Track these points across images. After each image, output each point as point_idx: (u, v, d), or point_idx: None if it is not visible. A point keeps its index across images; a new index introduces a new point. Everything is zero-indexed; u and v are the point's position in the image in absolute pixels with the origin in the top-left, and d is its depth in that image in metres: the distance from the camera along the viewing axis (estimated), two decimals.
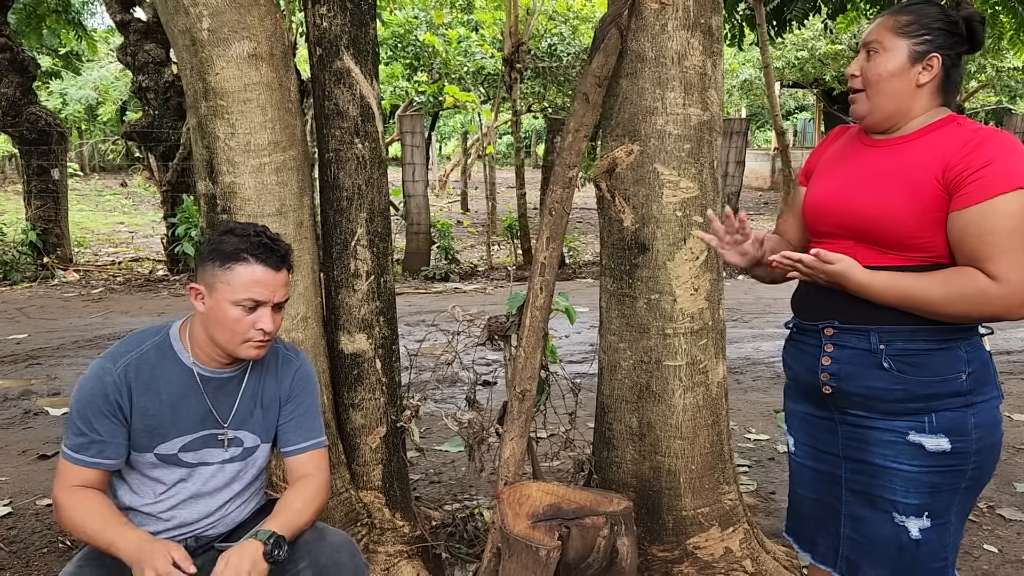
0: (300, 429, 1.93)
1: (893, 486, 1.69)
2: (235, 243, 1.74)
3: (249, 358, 1.82)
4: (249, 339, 1.76)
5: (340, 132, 2.48)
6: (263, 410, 1.91)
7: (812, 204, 1.79)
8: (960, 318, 1.60)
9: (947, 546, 1.71)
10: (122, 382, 1.75)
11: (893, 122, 1.69)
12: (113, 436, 1.76)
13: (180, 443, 1.81)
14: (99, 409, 1.75)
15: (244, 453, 1.90)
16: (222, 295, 1.73)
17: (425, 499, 3.16)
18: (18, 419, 4.58)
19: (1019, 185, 1.52)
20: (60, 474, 1.77)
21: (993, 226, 1.52)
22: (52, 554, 2.88)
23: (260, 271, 1.73)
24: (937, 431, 1.64)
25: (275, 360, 1.94)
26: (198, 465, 1.84)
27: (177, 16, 2.22)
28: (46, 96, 20.93)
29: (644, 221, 2.42)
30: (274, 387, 1.92)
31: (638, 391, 2.52)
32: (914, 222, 1.60)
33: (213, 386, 1.84)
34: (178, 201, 9.79)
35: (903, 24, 1.66)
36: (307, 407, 1.96)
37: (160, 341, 1.83)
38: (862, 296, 1.63)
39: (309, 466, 1.92)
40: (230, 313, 1.73)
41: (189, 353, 1.82)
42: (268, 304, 1.76)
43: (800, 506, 1.93)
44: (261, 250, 1.74)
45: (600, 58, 2.36)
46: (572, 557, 2.10)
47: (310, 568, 1.78)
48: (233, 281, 1.73)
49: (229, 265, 1.73)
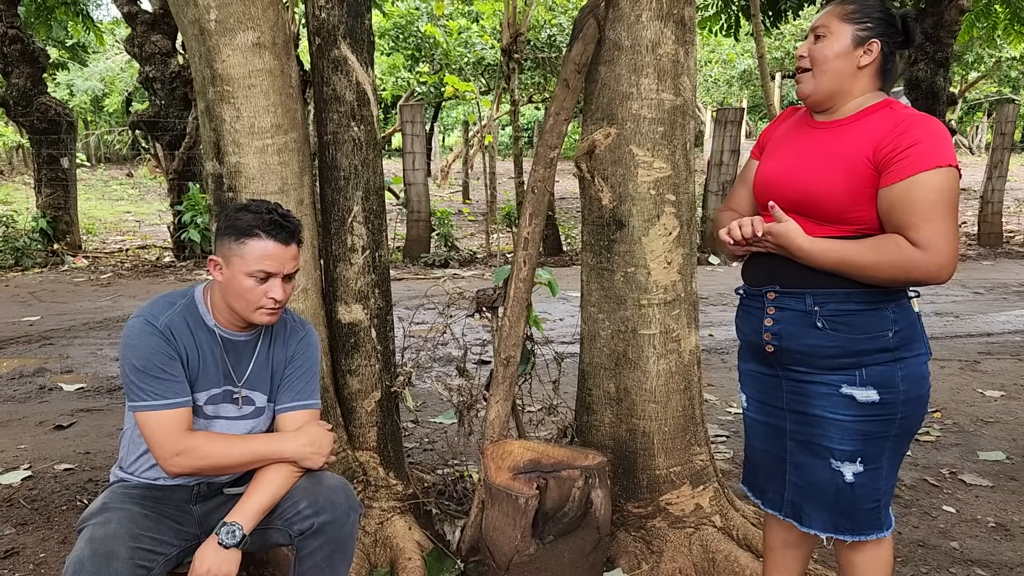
0: (291, 391, 2.10)
1: (829, 434, 1.87)
2: (249, 220, 1.91)
3: (261, 324, 2.00)
4: (262, 306, 1.94)
5: (338, 116, 2.66)
6: (271, 374, 2.10)
7: (760, 180, 1.98)
8: (888, 281, 1.77)
9: (879, 489, 1.89)
10: (169, 334, 1.92)
11: (834, 101, 1.87)
12: (182, 377, 1.93)
13: (205, 396, 2.00)
14: (165, 354, 1.90)
15: (255, 412, 2.08)
16: (237, 267, 1.91)
17: (419, 464, 3.35)
18: (34, 394, 4.79)
19: (939, 164, 1.70)
20: (159, 434, 1.87)
21: (917, 198, 1.70)
22: (71, 511, 3.08)
23: (271, 246, 1.91)
24: (867, 384, 1.81)
25: (284, 329, 2.13)
26: (215, 418, 2.02)
27: (187, 7, 2.40)
28: (53, 87, 21.11)
29: (621, 199, 2.59)
30: (281, 354, 2.11)
31: (615, 359, 2.70)
32: (848, 198, 1.77)
33: (231, 347, 2.03)
34: (184, 189, 9.97)
35: (848, 12, 1.86)
36: (303, 371, 2.13)
37: (187, 303, 2.01)
38: (802, 260, 1.81)
39: (293, 425, 2.06)
40: (244, 283, 1.91)
41: (211, 316, 2.01)
42: (279, 275, 1.94)
43: (753, 457, 2.11)
44: (272, 226, 1.91)
45: (579, 46, 2.53)
46: (549, 507, 2.29)
47: (310, 507, 1.97)
48: (247, 254, 1.90)
49: (243, 240, 1.90)
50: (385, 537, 2.68)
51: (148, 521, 1.89)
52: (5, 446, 3.86)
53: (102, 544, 1.75)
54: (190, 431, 1.92)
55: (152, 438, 1.89)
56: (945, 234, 1.70)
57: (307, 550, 1.99)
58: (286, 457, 1.97)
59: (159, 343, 1.90)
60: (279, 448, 1.98)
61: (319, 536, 1.98)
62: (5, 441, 3.94)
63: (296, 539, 1.99)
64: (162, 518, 1.93)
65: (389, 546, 2.65)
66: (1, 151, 23.29)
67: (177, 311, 1.97)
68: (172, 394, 1.90)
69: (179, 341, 1.93)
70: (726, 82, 23.30)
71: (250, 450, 1.96)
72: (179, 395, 1.91)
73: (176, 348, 1.92)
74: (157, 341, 1.90)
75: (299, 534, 1.98)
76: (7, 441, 3.94)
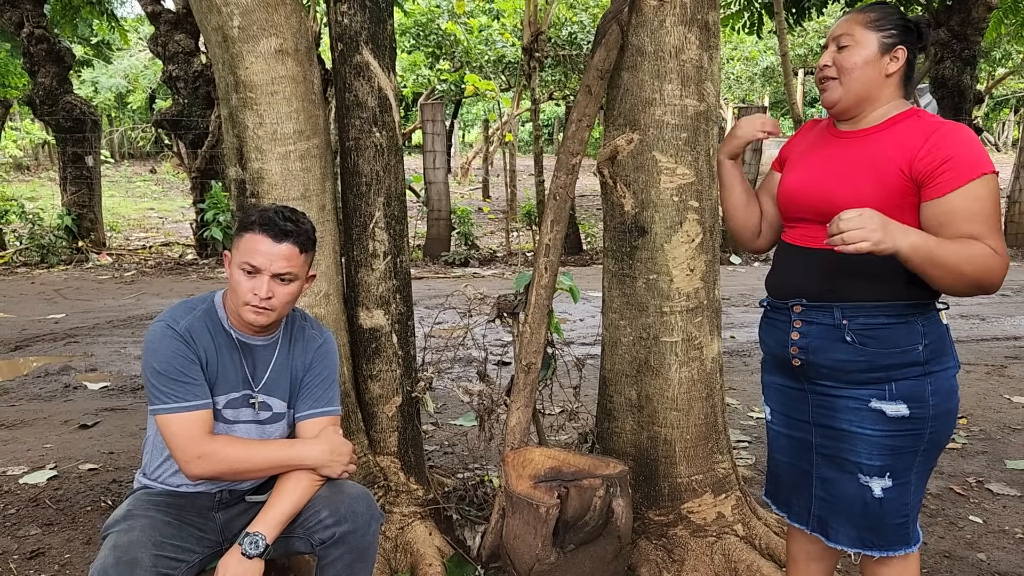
0: (310, 398, 2.10)
1: (857, 449, 1.84)
2: (253, 216, 1.94)
3: (248, 322, 1.96)
4: (247, 302, 1.91)
5: (359, 122, 2.66)
6: (290, 381, 2.10)
7: (785, 192, 1.95)
8: (966, 284, 1.68)
9: (908, 504, 1.86)
10: (189, 338, 1.93)
11: (861, 108, 1.84)
12: (202, 380, 1.93)
13: (224, 400, 2.00)
14: (185, 357, 1.90)
15: (273, 417, 2.08)
16: (234, 259, 1.94)
17: (439, 468, 3.35)
18: (59, 392, 4.86)
19: (984, 171, 1.68)
20: (180, 436, 1.87)
21: (975, 208, 1.68)
22: (96, 512, 3.12)
23: (261, 240, 1.90)
24: (896, 398, 1.78)
25: (303, 336, 2.13)
26: (234, 423, 2.03)
27: (210, 14, 2.41)
28: (78, 84, 21.35)
29: (643, 205, 2.58)
30: (300, 361, 2.11)
31: (637, 366, 2.68)
32: (876, 206, 1.74)
33: (249, 352, 2.04)
34: (207, 187, 10.06)
35: (872, 19, 1.82)
36: (322, 379, 2.12)
37: (207, 307, 2.02)
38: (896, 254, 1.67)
39: (313, 432, 2.05)
40: (235, 275, 1.93)
41: (228, 319, 2.02)
42: (265, 272, 1.90)
43: (777, 470, 2.09)
44: (268, 222, 1.91)
45: (602, 52, 2.52)
46: (570, 515, 2.28)
47: (331, 517, 1.97)
48: (241, 246, 1.92)
49: (242, 233, 1.93)
50: (406, 542, 2.68)
51: (171, 528, 1.90)
52: (31, 445, 3.91)
53: (126, 551, 1.77)
54: (211, 434, 1.93)
55: (173, 440, 1.89)
56: (1002, 242, 1.70)
57: (329, 559, 2.00)
58: (307, 463, 1.97)
59: (179, 346, 1.91)
60: (300, 454, 1.98)
61: (341, 545, 1.99)
62: (31, 440, 3.99)
63: (318, 548, 1.99)
64: (185, 525, 1.94)
65: (409, 552, 2.65)
66: (28, 148, 23.62)
67: (197, 315, 1.98)
68: (192, 396, 1.90)
69: (199, 345, 1.94)
70: (748, 79, 23.10)
71: (272, 455, 1.96)
72: (199, 397, 1.91)
73: (196, 352, 1.93)
74: (177, 345, 1.91)
75: (321, 543, 1.98)
76: (33, 440, 3.99)
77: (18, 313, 7.22)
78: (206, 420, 1.92)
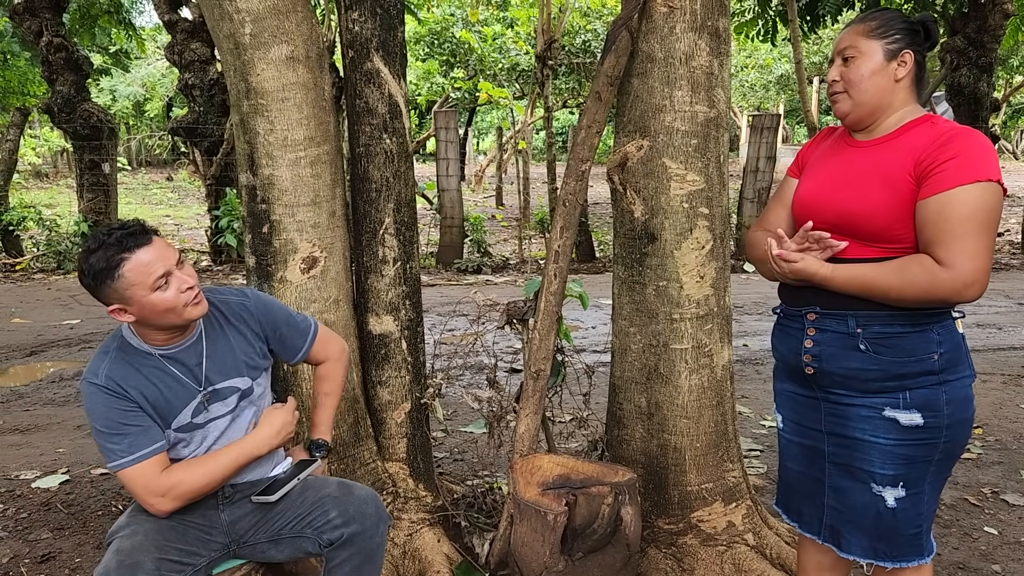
0: (291, 340, 2.16)
1: (871, 458, 1.82)
2: (104, 256, 1.78)
3: (198, 315, 1.92)
4: (186, 303, 1.87)
5: (370, 128, 2.67)
6: (242, 355, 2.05)
7: (800, 200, 1.94)
8: (915, 302, 1.71)
9: (921, 514, 1.84)
10: (114, 385, 1.86)
11: (874, 118, 1.82)
12: (147, 422, 1.89)
13: (189, 410, 1.96)
14: (121, 409, 1.85)
15: (242, 395, 2.05)
16: (138, 294, 1.80)
17: (449, 475, 3.35)
18: (72, 397, 4.89)
19: (978, 178, 1.64)
20: (140, 484, 1.85)
21: (949, 214, 1.65)
22: (106, 516, 3.13)
23: (143, 254, 1.80)
24: (911, 407, 1.76)
25: (221, 313, 2.07)
26: (210, 422, 2.00)
27: (222, 22, 2.43)
28: (96, 93, 21.62)
29: (653, 212, 2.57)
30: (236, 332, 2.06)
31: (647, 373, 2.67)
32: (890, 216, 1.73)
33: (180, 359, 1.97)
34: (221, 194, 10.13)
35: (873, 28, 1.81)
36: (283, 321, 2.15)
37: (119, 343, 1.94)
38: (828, 288, 1.77)
39: (319, 354, 2.22)
40: (155, 299, 1.81)
41: (144, 342, 1.95)
42: (172, 270, 1.83)
43: (788, 478, 2.06)
44: (126, 241, 1.79)
45: (612, 59, 2.51)
46: (578, 523, 2.27)
47: (339, 517, 1.98)
48: (134, 279, 1.79)
49: (118, 273, 1.78)
50: (414, 549, 2.67)
51: (175, 533, 1.91)
52: (44, 449, 3.94)
53: (128, 556, 1.78)
54: (168, 469, 1.90)
55: (134, 489, 1.87)
56: (973, 253, 1.64)
57: (336, 561, 2.00)
58: (262, 452, 2.02)
59: (107, 399, 1.85)
60: (251, 451, 2.00)
61: (348, 547, 1.99)
62: (45, 444, 4.02)
63: (325, 549, 2.00)
64: (189, 529, 1.95)
65: (418, 558, 2.65)
66: (47, 155, 23.88)
67: (112, 357, 1.91)
68: (138, 447, 1.85)
69: (126, 386, 1.87)
70: (763, 87, 23.04)
71: (229, 460, 1.96)
72: (145, 445, 1.86)
73: (127, 395, 1.86)
74: (105, 398, 1.85)
75: (328, 544, 1.99)
76: (46, 444, 4.02)
77: (35, 319, 7.29)
78: (160, 461, 1.89)
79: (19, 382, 5.30)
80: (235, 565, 2.07)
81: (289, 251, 2.55)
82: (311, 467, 2.16)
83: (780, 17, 8.97)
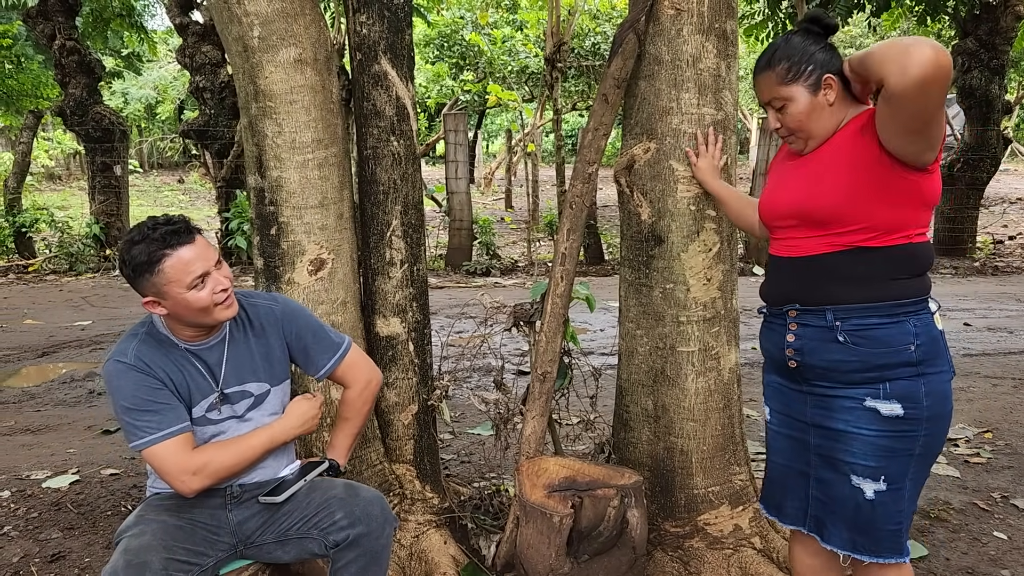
0: (317, 353, 2.15)
1: (852, 449, 1.86)
2: (146, 250, 1.83)
3: (228, 317, 1.96)
4: (217, 303, 1.91)
5: (377, 131, 2.68)
6: (264, 360, 2.08)
7: (763, 207, 2.03)
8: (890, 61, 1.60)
9: (901, 511, 1.86)
10: (143, 364, 1.90)
11: (830, 136, 1.89)
12: (174, 401, 1.93)
13: (205, 404, 2.00)
14: (149, 387, 1.88)
15: (256, 401, 2.08)
16: (174, 291, 1.84)
17: (455, 477, 3.35)
18: (84, 398, 4.93)
19: None
20: (169, 462, 1.86)
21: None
22: (116, 516, 3.15)
23: (185, 251, 1.84)
24: (891, 397, 1.80)
25: (249, 316, 2.09)
26: (222, 420, 2.03)
27: (231, 25, 2.44)
28: (108, 95, 21.75)
29: (660, 215, 2.57)
30: (262, 338, 2.09)
31: (654, 375, 2.67)
32: (860, 189, 1.78)
33: (202, 357, 2.01)
34: (232, 196, 10.18)
35: (784, 72, 1.86)
36: (311, 332, 2.14)
37: (149, 329, 1.99)
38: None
39: (344, 377, 2.19)
40: (190, 297, 1.85)
41: (174, 335, 1.99)
42: (210, 270, 1.89)
43: (772, 472, 2.11)
44: (170, 238, 1.84)
45: (619, 61, 2.51)
46: (584, 525, 2.27)
47: (346, 518, 1.99)
48: (172, 275, 1.83)
49: (158, 268, 1.83)
50: (420, 551, 2.68)
51: (182, 532, 1.92)
52: (55, 450, 3.97)
53: (136, 555, 1.79)
54: (196, 449, 1.93)
55: (163, 467, 1.88)
56: None
57: (342, 562, 2.01)
58: (288, 438, 2.06)
59: (137, 376, 1.88)
60: (278, 437, 2.04)
61: (354, 548, 2.00)
62: (55, 445, 4.05)
63: (331, 550, 2.00)
64: (197, 529, 1.96)
65: (424, 560, 2.65)
66: (59, 158, 24.06)
67: (141, 340, 1.95)
68: (168, 423, 1.87)
69: (155, 367, 1.91)
70: None
71: (256, 444, 2.00)
72: (176, 422, 1.89)
73: (156, 375, 1.90)
74: (135, 375, 1.88)
75: (334, 545, 2.00)
76: (57, 445, 4.05)
77: (46, 320, 7.35)
78: (189, 439, 1.92)
79: (31, 383, 5.34)
80: (242, 565, 2.08)
81: (297, 253, 2.56)
82: (318, 469, 2.17)
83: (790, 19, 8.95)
